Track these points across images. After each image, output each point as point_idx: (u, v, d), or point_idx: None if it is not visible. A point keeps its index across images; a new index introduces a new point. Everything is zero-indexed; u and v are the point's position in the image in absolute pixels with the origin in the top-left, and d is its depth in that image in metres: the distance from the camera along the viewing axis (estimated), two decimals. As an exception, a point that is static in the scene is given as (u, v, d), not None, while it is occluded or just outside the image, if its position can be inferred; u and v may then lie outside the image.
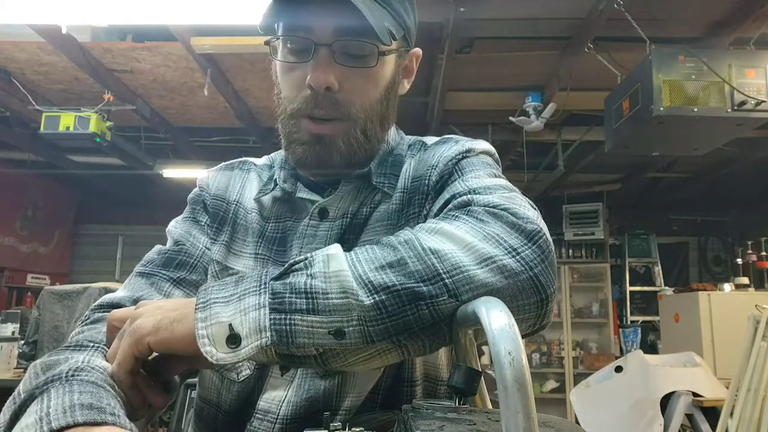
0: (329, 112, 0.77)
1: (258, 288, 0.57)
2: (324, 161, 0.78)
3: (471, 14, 3.10)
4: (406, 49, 0.85)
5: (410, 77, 0.89)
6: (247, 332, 0.55)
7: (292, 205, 0.85)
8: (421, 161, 0.82)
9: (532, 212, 0.64)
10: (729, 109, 2.75)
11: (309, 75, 0.75)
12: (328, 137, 0.77)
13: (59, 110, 4.33)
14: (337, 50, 0.75)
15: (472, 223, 0.61)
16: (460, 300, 0.56)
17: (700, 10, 3.15)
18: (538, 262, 0.59)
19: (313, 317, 0.55)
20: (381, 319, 0.55)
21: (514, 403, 0.44)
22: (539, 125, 4.07)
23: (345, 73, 0.76)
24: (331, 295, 0.55)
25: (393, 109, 0.85)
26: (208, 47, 3.58)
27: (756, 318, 2.92)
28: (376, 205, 0.81)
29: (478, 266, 0.57)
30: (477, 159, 0.79)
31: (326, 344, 0.55)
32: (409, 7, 0.83)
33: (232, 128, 5.30)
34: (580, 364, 6.33)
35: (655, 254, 6.90)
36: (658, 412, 3.15)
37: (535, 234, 0.61)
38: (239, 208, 0.88)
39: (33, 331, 3.03)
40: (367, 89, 0.79)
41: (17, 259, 6.60)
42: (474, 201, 0.65)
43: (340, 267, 0.57)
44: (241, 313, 0.55)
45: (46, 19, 3.06)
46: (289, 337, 0.55)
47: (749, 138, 4.28)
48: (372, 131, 0.80)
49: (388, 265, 0.57)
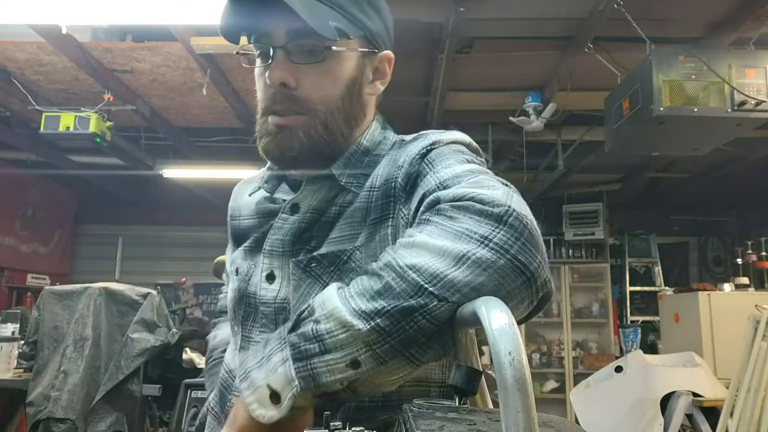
0: (288, 107, 0.83)
1: (280, 345, 0.63)
2: (285, 150, 0.83)
3: (471, 14, 3.10)
4: (372, 51, 0.88)
5: (383, 79, 0.92)
6: (281, 387, 0.61)
7: (273, 203, 0.91)
8: (392, 160, 0.84)
9: (500, 192, 0.64)
10: (729, 109, 2.75)
11: (266, 74, 0.83)
12: (289, 128, 0.83)
13: (59, 110, 4.33)
14: (293, 50, 0.81)
15: (441, 224, 0.62)
16: (451, 300, 0.57)
17: (700, 10, 3.15)
18: (513, 242, 0.59)
19: (329, 356, 0.59)
20: (383, 339, 0.58)
21: (514, 403, 0.44)
22: (539, 125, 4.07)
23: (302, 71, 0.82)
24: (336, 332, 0.59)
25: (360, 107, 0.88)
26: (208, 47, 3.58)
27: (756, 318, 2.92)
28: (347, 204, 0.84)
29: (455, 267, 0.58)
30: (446, 149, 0.80)
31: (347, 377, 0.60)
32: (371, 11, 0.86)
33: (232, 128, 5.30)
34: (580, 364, 6.33)
35: (655, 254, 6.90)
36: (658, 412, 3.15)
37: (503, 215, 0.60)
38: (240, 215, 0.98)
39: (33, 331, 3.02)
40: (324, 84, 0.84)
41: (17, 259, 6.59)
42: (441, 198, 0.66)
43: (334, 305, 0.61)
44: (271, 371, 0.62)
45: (46, 19, 3.06)
46: (314, 379, 0.60)
47: (749, 138, 4.28)
48: (334, 125, 0.84)
49: (377, 294, 0.60)
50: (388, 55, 0.92)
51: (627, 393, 3.32)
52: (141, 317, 2.98)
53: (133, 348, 2.91)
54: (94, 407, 2.85)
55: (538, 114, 4.04)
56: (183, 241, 7.26)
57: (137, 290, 3.10)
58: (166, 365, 3.07)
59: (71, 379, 2.87)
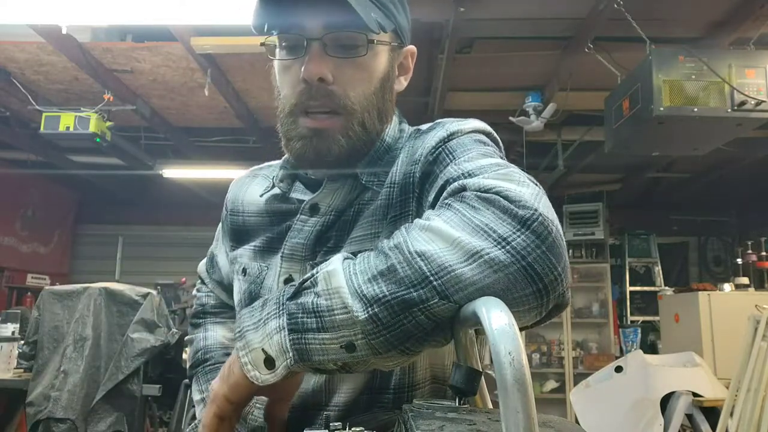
0: (325, 103, 0.78)
1: (278, 310, 0.61)
2: (323, 155, 0.79)
3: (471, 14, 3.10)
4: (400, 45, 0.86)
5: (407, 74, 0.90)
6: (276, 354, 0.60)
7: (288, 203, 0.88)
8: (410, 152, 0.81)
9: (529, 191, 0.60)
10: (729, 109, 2.75)
11: (302, 69, 0.77)
12: (326, 131, 0.79)
13: (59, 110, 4.33)
14: (329, 43, 0.77)
15: (462, 212, 0.59)
16: (452, 301, 0.55)
17: (700, 10, 3.15)
18: (532, 249, 0.55)
19: (324, 335, 0.58)
20: (379, 332, 0.56)
21: (514, 403, 0.44)
22: (539, 125, 4.07)
23: (338, 65, 0.78)
24: (336, 311, 0.57)
25: (391, 103, 0.86)
26: (208, 47, 3.58)
27: (756, 318, 2.92)
28: (366, 203, 0.81)
29: (465, 263, 0.55)
30: (467, 138, 0.77)
31: (340, 358, 0.58)
32: (399, 5, 0.84)
33: (232, 128, 5.30)
34: (580, 364, 6.32)
35: (655, 254, 6.90)
36: (658, 412, 3.15)
37: (528, 219, 0.56)
38: (244, 210, 0.95)
39: (33, 331, 3.02)
40: (361, 80, 0.80)
41: (17, 259, 6.59)
42: (467, 185, 0.62)
43: (338, 283, 0.58)
44: (267, 337, 0.60)
45: (46, 19, 3.06)
46: (307, 354, 0.59)
47: (749, 138, 4.28)
48: (371, 124, 0.81)
49: (380, 274, 0.57)
50: (412, 49, 0.89)
51: (627, 393, 3.32)
52: (141, 317, 2.98)
53: (133, 348, 2.91)
54: (94, 407, 2.85)
55: (538, 114, 4.04)
56: (183, 241, 7.25)
57: (137, 290, 3.10)
58: (166, 365, 3.07)
59: (71, 379, 2.87)
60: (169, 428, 3.17)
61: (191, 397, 1.00)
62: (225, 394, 0.64)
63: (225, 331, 1.02)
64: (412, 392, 0.78)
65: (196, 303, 1.09)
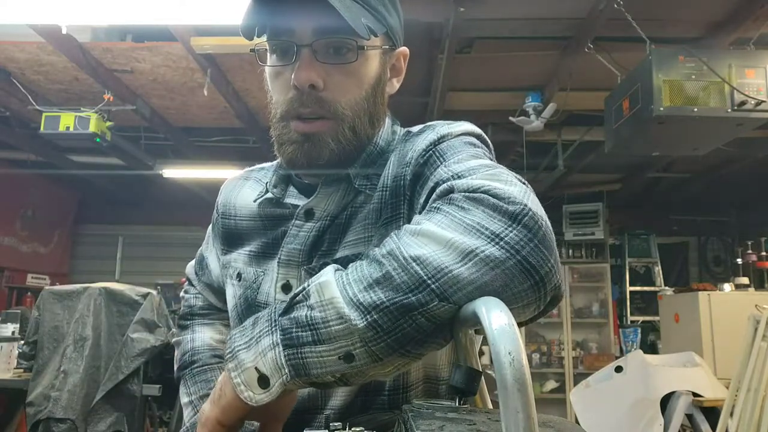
0: (315, 110, 0.78)
1: (270, 327, 0.60)
2: (314, 159, 0.80)
3: (471, 14, 3.10)
4: (392, 48, 0.86)
5: (399, 76, 0.90)
6: (270, 372, 0.58)
7: (282, 208, 0.88)
8: (401, 155, 0.82)
9: (517, 188, 0.60)
10: (729, 109, 2.75)
11: (293, 75, 0.77)
12: (317, 135, 0.79)
13: (59, 110, 4.33)
14: (319, 49, 0.77)
15: (452, 214, 0.59)
16: (452, 301, 0.55)
17: (700, 10, 3.15)
18: (525, 243, 0.56)
19: (321, 347, 0.57)
20: (379, 337, 0.55)
21: (514, 403, 0.44)
22: (539, 125, 4.07)
23: (328, 71, 0.78)
24: (331, 322, 0.56)
25: (382, 107, 0.86)
26: (208, 47, 3.58)
27: (756, 318, 2.92)
28: (359, 206, 0.82)
29: (461, 263, 0.55)
30: (457, 141, 0.77)
31: (338, 370, 0.57)
32: (390, 7, 0.83)
33: (232, 128, 5.30)
34: (580, 364, 6.33)
35: (655, 254, 6.90)
36: (658, 412, 3.15)
37: (518, 214, 0.57)
38: (236, 214, 0.94)
39: (33, 331, 3.02)
40: (351, 86, 0.80)
41: (17, 259, 6.59)
42: (455, 187, 0.62)
43: (332, 294, 0.57)
44: (260, 355, 0.59)
45: (46, 19, 3.06)
46: (304, 369, 0.57)
47: (749, 138, 4.28)
48: (361, 129, 0.81)
49: (375, 283, 0.56)
50: (404, 51, 0.89)
51: (627, 393, 3.32)
52: (141, 317, 2.98)
53: (133, 348, 2.91)
54: (94, 407, 2.85)
55: (538, 114, 4.04)
56: (183, 241, 7.24)
57: (137, 290, 3.10)
58: (166, 365, 3.06)
59: (71, 379, 2.87)
60: (169, 428, 3.17)
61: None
62: (217, 417, 0.62)
63: (213, 332, 1.02)
64: (406, 393, 0.78)
65: (183, 305, 1.09)
